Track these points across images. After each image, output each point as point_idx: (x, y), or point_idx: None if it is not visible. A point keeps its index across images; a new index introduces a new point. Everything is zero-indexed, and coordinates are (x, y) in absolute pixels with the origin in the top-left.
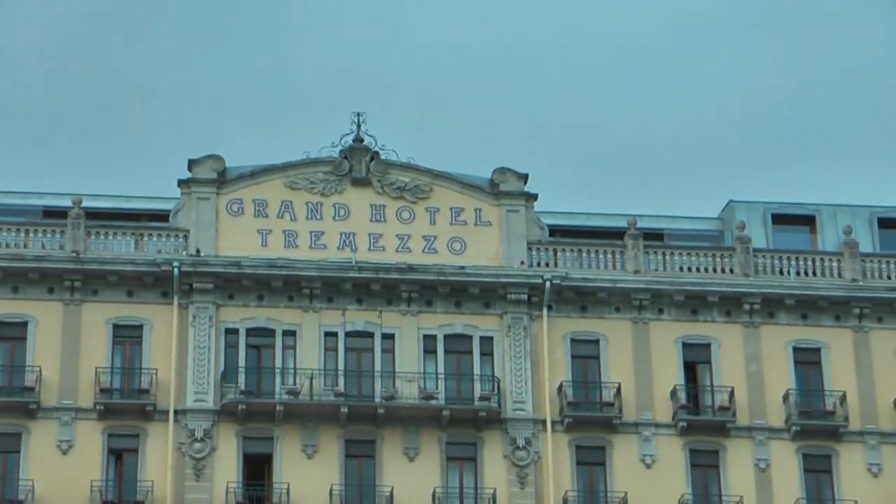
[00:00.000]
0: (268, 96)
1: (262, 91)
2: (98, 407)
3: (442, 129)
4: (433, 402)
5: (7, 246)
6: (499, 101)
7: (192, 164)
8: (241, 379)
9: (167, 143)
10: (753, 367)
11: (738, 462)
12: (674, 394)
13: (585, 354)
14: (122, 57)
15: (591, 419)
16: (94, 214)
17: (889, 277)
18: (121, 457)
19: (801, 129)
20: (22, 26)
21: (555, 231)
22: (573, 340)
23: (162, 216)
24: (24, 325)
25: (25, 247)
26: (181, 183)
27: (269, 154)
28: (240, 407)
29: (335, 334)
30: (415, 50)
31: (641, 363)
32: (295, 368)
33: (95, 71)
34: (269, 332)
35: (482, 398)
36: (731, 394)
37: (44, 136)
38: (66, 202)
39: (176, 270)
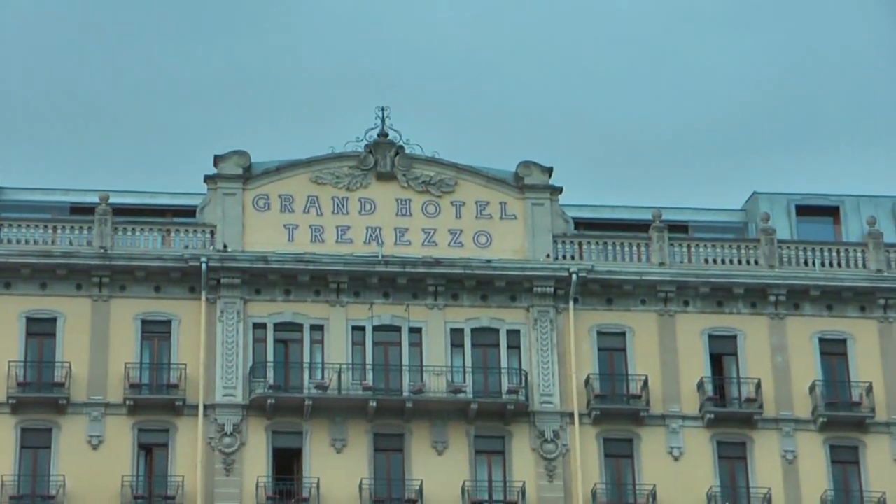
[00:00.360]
0: (292, 91)
1: (286, 86)
2: (128, 402)
3: (466, 123)
4: (461, 395)
5: (35, 242)
6: (522, 94)
7: (217, 159)
8: (270, 373)
9: (192, 139)
10: (779, 358)
11: (765, 454)
12: (700, 386)
13: (612, 347)
14: (147, 53)
15: (619, 412)
16: (120, 210)
17: None
18: (150, 452)
19: (821, 120)
20: (46, 22)
21: (579, 224)
22: (599, 333)
23: (188, 212)
24: (53, 321)
25: (53, 243)
26: (207, 179)
27: (293, 149)
28: (269, 401)
29: (362, 328)
30: (438, 44)
31: (668, 355)
32: (323, 363)
33: (120, 67)
34: (297, 327)
35: (510, 391)
36: (758, 385)
37: (69, 132)
38: (93, 198)
39: (204, 266)
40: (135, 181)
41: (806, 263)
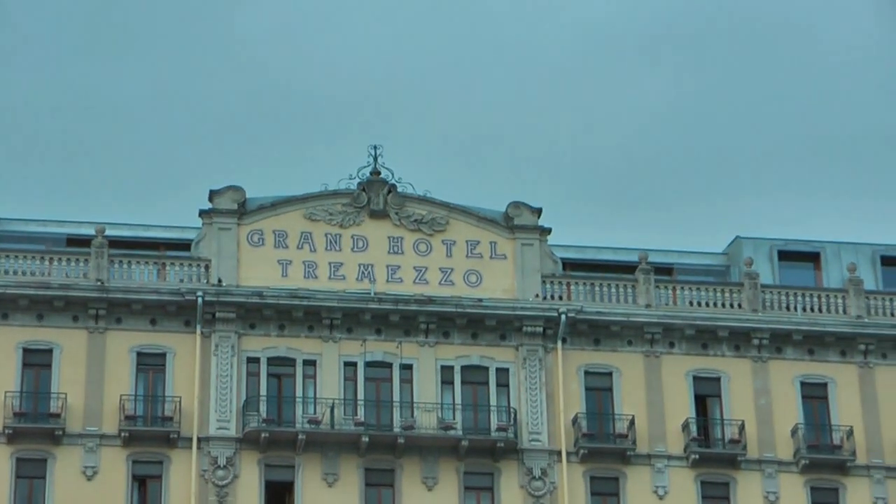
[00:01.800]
0: (286, 128)
1: (281, 122)
2: (123, 434)
3: (457, 163)
4: (452, 432)
5: (32, 274)
6: (512, 135)
7: (212, 194)
8: (263, 407)
9: (187, 174)
10: (762, 401)
11: (748, 494)
12: (685, 426)
13: (599, 387)
14: (143, 87)
15: (606, 450)
16: (115, 243)
17: (893, 314)
18: (144, 483)
19: (802, 166)
20: (41, 55)
21: (565, 264)
22: (587, 373)
23: (183, 245)
24: (50, 352)
25: (49, 275)
26: (202, 213)
27: (287, 185)
28: (262, 435)
29: (354, 364)
30: (429, 84)
31: (654, 396)
32: (315, 398)
33: (116, 100)
34: (290, 362)
35: (499, 429)
36: (742, 427)
37: (65, 164)
38: (89, 230)
39: (199, 300)
40: (130, 214)
41: (788, 308)
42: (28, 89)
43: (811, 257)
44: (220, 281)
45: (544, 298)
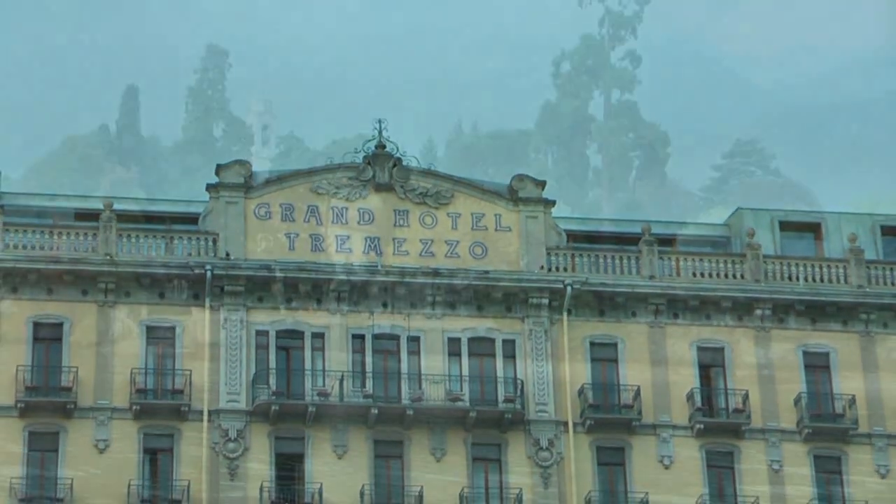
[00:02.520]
0: (291, 103)
1: (286, 98)
2: (134, 407)
3: (461, 136)
4: (460, 403)
5: (41, 248)
6: (516, 113)
7: (219, 168)
8: (272, 380)
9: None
10: (765, 370)
11: (752, 463)
12: (690, 396)
13: (604, 357)
14: (154, 67)
15: (612, 421)
16: (122, 217)
17: (893, 284)
18: (156, 456)
19: (804, 137)
20: (49, 36)
21: (570, 236)
22: (592, 344)
23: (190, 219)
24: (60, 325)
25: (58, 249)
26: (209, 187)
27: (293, 160)
28: (272, 408)
29: (362, 337)
30: (435, 63)
31: (658, 366)
32: (324, 370)
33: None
34: (298, 335)
35: (506, 400)
36: (746, 396)
37: (76, 139)
38: (97, 204)
39: (208, 273)
40: (137, 188)
41: (790, 278)
42: (34, 69)
43: (812, 227)
44: (227, 254)
45: (549, 270)
